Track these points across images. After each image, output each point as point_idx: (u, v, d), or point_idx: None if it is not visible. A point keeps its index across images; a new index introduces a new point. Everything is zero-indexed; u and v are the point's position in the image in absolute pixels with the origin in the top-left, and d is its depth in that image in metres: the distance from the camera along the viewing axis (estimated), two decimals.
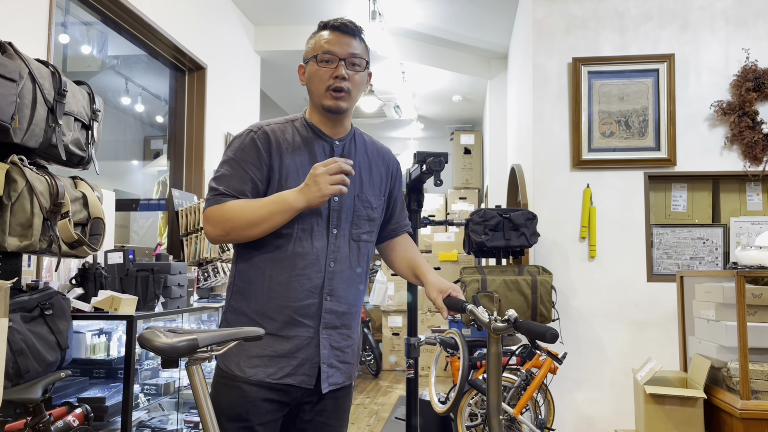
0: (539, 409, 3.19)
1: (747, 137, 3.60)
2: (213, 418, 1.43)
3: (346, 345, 1.68)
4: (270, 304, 1.60)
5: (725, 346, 2.53)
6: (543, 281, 3.25)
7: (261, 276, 1.62)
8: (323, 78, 1.65)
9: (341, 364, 1.67)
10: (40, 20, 2.82)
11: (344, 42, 1.67)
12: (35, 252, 2.10)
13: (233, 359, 1.60)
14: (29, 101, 2.03)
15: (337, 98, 1.64)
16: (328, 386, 1.63)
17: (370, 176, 1.74)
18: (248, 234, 1.56)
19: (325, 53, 1.65)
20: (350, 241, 1.68)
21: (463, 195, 7.77)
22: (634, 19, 3.78)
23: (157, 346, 1.33)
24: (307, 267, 1.61)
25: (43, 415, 1.96)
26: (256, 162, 1.61)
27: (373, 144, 1.83)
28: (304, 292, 1.60)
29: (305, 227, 1.62)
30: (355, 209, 1.69)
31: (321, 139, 1.69)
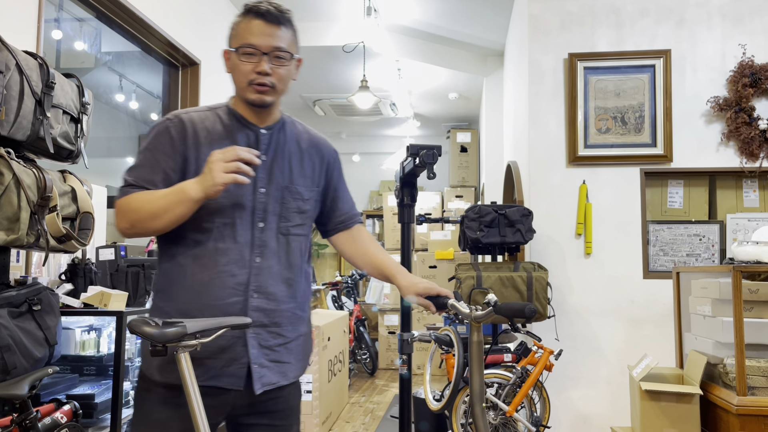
0: (535, 407, 3.17)
1: (743, 133, 3.59)
2: (201, 408, 1.40)
3: (277, 344, 1.58)
4: (192, 303, 1.51)
5: (721, 342, 2.51)
6: (538, 278, 3.23)
7: (182, 274, 1.53)
8: (245, 72, 1.55)
9: (273, 364, 1.57)
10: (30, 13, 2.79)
11: (268, 33, 1.55)
12: (22, 246, 2.07)
13: (153, 363, 1.51)
14: (16, 93, 2.00)
15: (260, 92, 1.55)
16: (261, 387, 1.54)
17: (302, 167, 1.66)
18: (152, 226, 1.48)
19: (247, 46, 1.54)
20: (278, 234, 1.59)
21: (459, 193, 7.75)
22: (630, 15, 3.76)
23: (146, 332, 1.33)
24: (231, 263, 1.52)
25: (30, 411, 1.93)
26: (169, 151, 1.54)
27: (307, 133, 1.74)
28: (228, 289, 1.51)
29: (227, 221, 1.54)
30: (284, 201, 1.60)
31: (245, 127, 1.60)
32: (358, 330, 6.73)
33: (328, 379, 4.51)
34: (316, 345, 4.16)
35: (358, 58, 5.79)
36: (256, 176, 1.55)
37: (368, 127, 9.19)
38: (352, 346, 6.58)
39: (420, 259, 6.64)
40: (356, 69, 6.22)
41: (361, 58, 5.73)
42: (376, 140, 9.88)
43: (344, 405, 5.19)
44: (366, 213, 9.90)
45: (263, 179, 1.58)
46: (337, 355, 4.89)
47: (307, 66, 6.28)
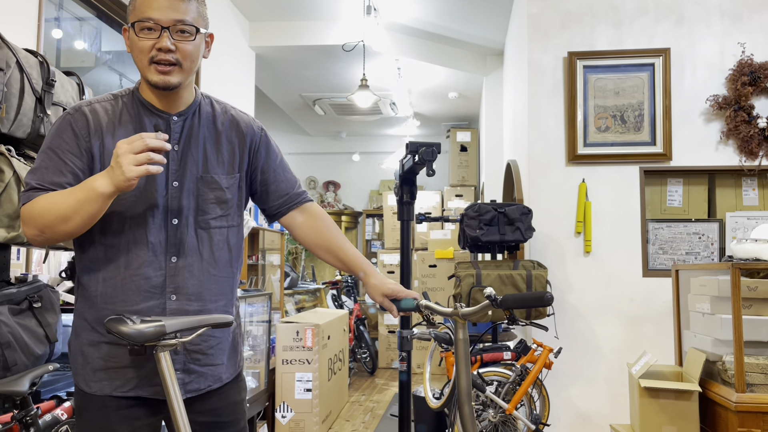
0: (534, 405, 3.17)
1: (743, 132, 3.59)
2: (181, 406, 1.37)
3: (207, 346, 1.49)
4: (106, 309, 1.42)
5: (720, 339, 2.52)
6: (538, 276, 3.23)
7: (95, 279, 1.44)
8: (144, 49, 1.40)
9: (204, 368, 1.49)
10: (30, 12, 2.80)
11: (168, 6, 1.39)
12: (23, 244, 2.07)
13: (80, 373, 1.45)
14: (17, 90, 2.01)
15: (163, 72, 1.41)
16: (185, 393, 1.45)
17: (218, 152, 1.52)
18: (63, 229, 1.35)
19: (146, 20, 1.38)
20: (197, 229, 1.48)
21: (459, 192, 7.75)
22: (629, 14, 3.77)
23: (123, 332, 1.29)
24: (144, 265, 1.43)
25: (31, 408, 1.94)
26: (74, 149, 1.41)
27: (226, 113, 1.58)
28: (143, 293, 1.42)
29: (138, 220, 1.43)
30: (199, 193, 1.48)
31: (154, 115, 1.48)
32: (358, 329, 6.74)
33: (328, 377, 4.51)
34: (316, 343, 4.16)
35: (358, 58, 5.80)
36: (168, 169, 1.45)
37: (368, 127, 9.19)
38: (352, 345, 6.58)
39: (420, 258, 6.64)
40: (356, 68, 6.23)
41: (361, 58, 5.74)
42: (376, 139, 9.89)
43: (344, 404, 5.19)
44: (366, 212, 9.91)
45: (175, 171, 1.47)
46: (337, 353, 4.89)
47: (306, 65, 6.28)
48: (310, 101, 7.68)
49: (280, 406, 4.12)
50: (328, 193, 9.88)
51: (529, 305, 1.41)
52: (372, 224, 9.89)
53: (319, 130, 9.36)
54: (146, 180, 1.43)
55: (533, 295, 1.40)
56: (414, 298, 1.58)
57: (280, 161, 1.65)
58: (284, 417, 4.10)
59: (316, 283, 7.68)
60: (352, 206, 9.95)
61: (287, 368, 4.14)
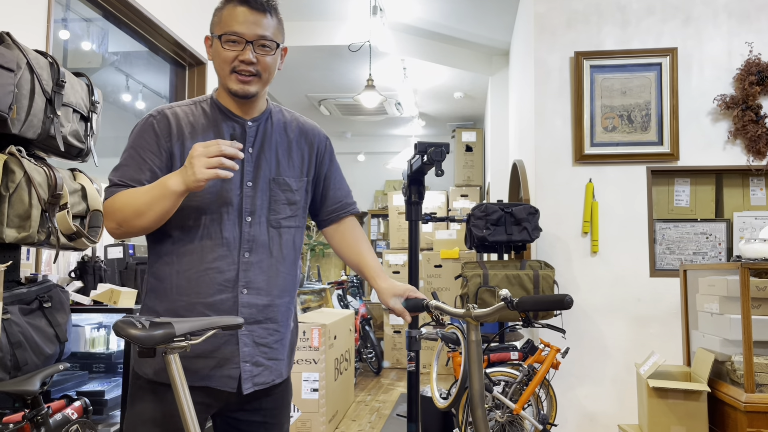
0: (541, 405, 3.17)
1: (750, 131, 3.58)
2: (191, 408, 1.37)
3: (274, 340, 1.55)
4: (180, 301, 1.48)
5: (729, 339, 2.51)
6: (545, 276, 3.23)
7: (170, 272, 1.50)
8: (228, 59, 1.50)
9: (270, 362, 1.54)
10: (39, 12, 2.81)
11: (253, 21, 1.49)
12: (33, 244, 2.08)
13: (148, 361, 1.49)
14: (27, 91, 2.01)
15: (243, 82, 1.50)
16: (251, 386, 1.50)
17: (289, 157, 1.61)
18: (138, 224, 1.44)
19: (231, 34, 1.49)
20: (269, 228, 1.55)
21: (464, 192, 7.75)
22: (636, 13, 3.76)
23: (132, 335, 1.29)
24: (218, 259, 1.49)
25: (42, 407, 1.95)
26: (154, 149, 1.50)
27: (296, 121, 1.68)
28: (216, 286, 1.48)
29: (214, 216, 1.50)
30: (272, 194, 1.56)
31: (231, 120, 1.56)
32: (364, 329, 6.74)
33: (335, 377, 4.52)
34: (322, 343, 4.17)
35: (364, 58, 5.80)
36: (242, 170, 1.52)
37: (373, 127, 9.20)
38: (357, 345, 6.59)
39: (425, 258, 6.64)
40: (362, 68, 6.23)
41: (367, 58, 5.74)
42: (381, 140, 9.89)
43: (350, 403, 5.20)
44: (371, 212, 9.91)
45: (250, 173, 1.54)
46: (343, 353, 4.90)
47: (312, 66, 6.29)
48: (316, 101, 7.68)
49: None
50: None
51: (548, 308, 1.36)
52: (377, 224, 9.89)
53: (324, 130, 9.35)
54: (222, 180, 1.49)
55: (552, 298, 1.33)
56: (423, 299, 1.58)
57: (339, 170, 1.76)
58: (291, 417, 4.11)
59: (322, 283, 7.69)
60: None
61: (294, 368, 4.13)
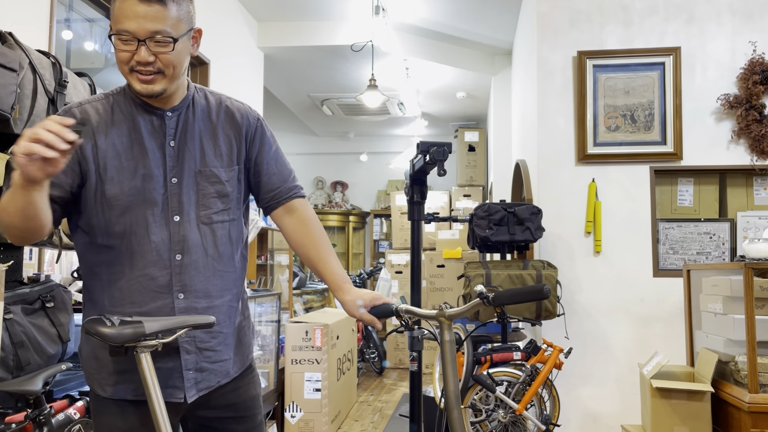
0: (544, 405, 3.16)
1: (754, 131, 3.57)
2: (162, 408, 1.35)
3: (216, 343, 1.48)
4: (114, 311, 1.39)
5: (733, 339, 2.51)
6: (548, 276, 3.22)
7: (99, 282, 1.42)
8: (124, 59, 1.35)
9: (214, 365, 1.48)
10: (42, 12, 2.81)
11: (143, 15, 1.31)
12: (36, 244, 2.08)
13: (95, 377, 1.43)
14: (30, 91, 2.02)
15: (145, 81, 1.36)
16: (195, 393, 1.45)
17: (215, 145, 1.48)
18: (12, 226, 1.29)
19: (123, 32, 1.32)
20: (200, 225, 1.45)
21: (467, 192, 7.74)
22: (639, 13, 3.75)
23: (102, 332, 1.28)
24: (149, 265, 1.40)
25: (44, 407, 1.94)
26: None
27: (221, 105, 1.53)
28: (150, 293, 1.40)
29: (139, 219, 1.40)
30: (200, 188, 1.45)
31: (147, 112, 1.44)
32: (366, 329, 6.74)
33: (337, 377, 4.52)
34: (325, 343, 4.17)
35: (366, 58, 5.80)
36: (164, 165, 1.43)
37: (376, 127, 9.19)
38: (360, 345, 6.58)
39: (428, 258, 6.63)
40: (364, 68, 6.23)
41: (369, 58, 5.74)
42: (384, 140, 9.88)
43: (353, 403, 5.19)
44: (374, 212, 9.91)
45: (173, 168, 1.44)
46: (346, 353, 4.90)
47: (315, 65, 6.29)
48: (318, 101, 7.68)
49: (289, 405, 4.12)
50: (336, 193, 9.89)
51: (523, 299, 1.31)
52: (380, 224, 9.89)
53: (326, 130, 9.37)
54: (144, 179, 1.41)
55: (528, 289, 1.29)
56: (390, 304, 1.49)
57: (275, 152, 1.59)
58: (293, 417, 4.11)
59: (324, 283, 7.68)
60: (359, 206, 9.95)
61: (296, 368, 4.14)
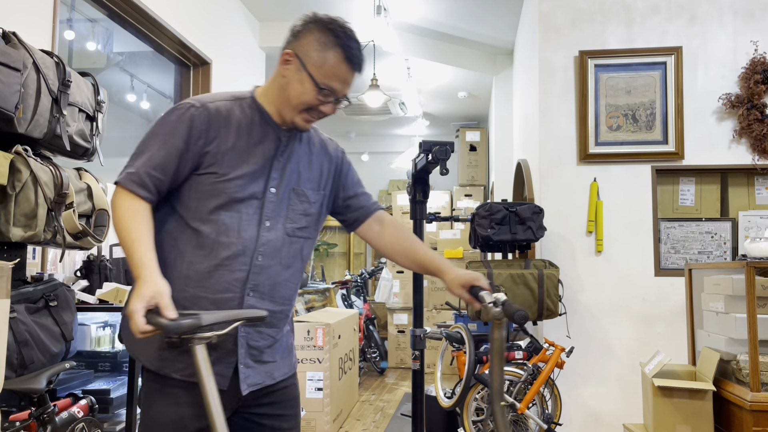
0: (546, 404, 3.17)
1: (756, 130, 3.57)
2: (216, 398, 1.39)
3: (265, 345, 1.56)
4: (185, 292, 1.47)
5: (734, 338, 2.51)
6: (549, 275, 3.22)
7: (180, 261, 1.48)
8: (309, 102, 1.51)
9: (257, 364, 1.55)
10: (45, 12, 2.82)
11: (350, 81, 1.54)
12: (40, 243, 2.09)
13: (142, 351, 1.50)
14: (33, 91, 2.03)
15: (309, 122, 1.56)
16: (247, 387, 1.52)
17: (310, 169, 1.64)
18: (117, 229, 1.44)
19: (329, 90, 1.51)
20: (284, 235, 1.56)
21: (468, 192, 7.75)
22: (640, 12, 3.75)
23: (161, 323, 1.32)
24: (231, 258, 1.48)
25: (48, 405, 1.95)
26: (185, 144, 1.46)
27: (317, 136, 1.73)
28: (224, 284, 1.48)
29: (234, 215, 1.49)
30: (290, 203, 1.58)
31: (268, 125, 1.57)
32: (368, 329, 6.75)
33: (339, 376, 4.52)
34: (327, 343, 4.17)
35: (368, 58, 5.80)
36: (268, 176, 1.54)
37: (377, 127, 9.20)
38: (362, 344, 6.59)
39: None
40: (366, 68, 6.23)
41: (371, 58, 5.74)
42: (385, 139, 9.89)
43: (354, 403, 5.20)
44: None
45: (275, 179, 1.56)
46: (348, 353, 4.90)
47: None
48: None
49: None
50: None
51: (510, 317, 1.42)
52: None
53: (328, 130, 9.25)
54: (250, 181, 1.51)
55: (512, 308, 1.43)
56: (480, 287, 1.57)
57: (357, 177, 1.80)
58: None
59: (326, 283, 7.69)
60: None
61: (298, 367, 4.14)
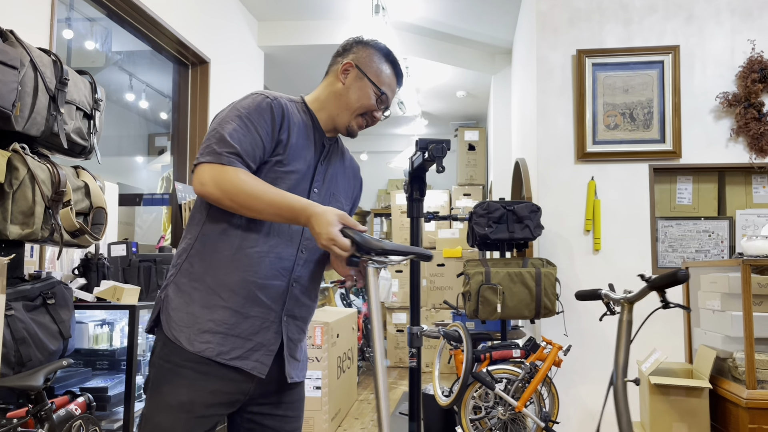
0: (544, 402, 3.17)
1: (753, 129, 3.58)
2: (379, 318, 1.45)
3: (298, 339, 1.60)
4: (233, 275, 1.48)
5: (731, 336, 2.51)
6: (547, 273, 3.23)
7: (229, 244, 1.50)
8: (367, 108, 1.64)
9: (292, 358, 1.58)
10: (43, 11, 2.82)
11: (395, 92, 1.70)
12: (37, 240, 2.10)
13: (183, 331, 1.46)
14: (31, 89, 2.03)
15: (361, 127, 1.66)
16: (292, 377, 1.55)
17: (345, 179, 1.73)
18: (243, 212, 1.45)
19: (385, 96, 1.65)
20: None
21: (467, 191, 7.75)
22: (638, 11, 3.76)
23: (361, 237, 1.39)
24: (280, 246, 1.52)
25: (45, 402, 1.96)
26: (269, 130, 1.51)
27: (348, 154, 1.82)
28: (273, 270, 1.51)
29: None
30: (329, 205, 1.64)
31: (317, 129, 1.65)
32: (367, 328, 6.75)
33: (337, 375, 4.53)
34: (325, 341, 4.18)
35: None
36: (313, 176, 1.61)
37: (376, 126, 9.18)
38: (360, 343, 6.59)
39: None
40: None
41: None
42: (384, 138, 9.89)
43: (353, 402, 5.20)
44: (374, 211, 9.91)
45: (319, 181, 1.62)
46: (346, 352, 4.91)
47: (315, 65, 6.30)
48: None
49: None
50: None
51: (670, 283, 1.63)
52: (380, 223, 9.89)
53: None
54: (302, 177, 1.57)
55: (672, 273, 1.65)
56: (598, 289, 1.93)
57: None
58: None
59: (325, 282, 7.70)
60: (360, 205, 9.96)
61: None
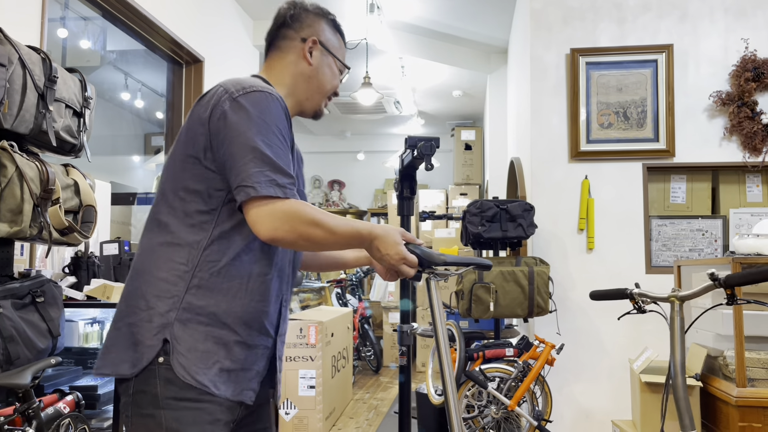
0: (536, 401, 3.17)
1: (746, 128, 3.58)
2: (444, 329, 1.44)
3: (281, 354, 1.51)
4: (250, 306, 1.31)
5: (721, 334, 2.51)
6: (540, 272, 3.23)
7: (243, 270, 1.30)
8: (335, 86, 1.53)
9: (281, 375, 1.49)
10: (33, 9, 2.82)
11: None
12: (26, 238, 2.09)
13: (203, 372, 1.25)
14: (19, 86, 2.03)
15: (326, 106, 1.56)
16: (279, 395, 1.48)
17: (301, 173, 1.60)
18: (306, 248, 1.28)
19: (347, 68, 1.55)
20: None
21: (464, 191, 7.76)
22: (632, 10, 3.76)
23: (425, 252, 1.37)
24: (282, 266, 1.41)
25: (33, 401, 1.96)
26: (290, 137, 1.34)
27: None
28: (273, 295, 1.37)
29: None
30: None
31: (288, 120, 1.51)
32: (363, 327, 6.75)
33: (332, 374, 4.52)
34: (319, 340, 4.18)
35: (361, 56, 5.81)
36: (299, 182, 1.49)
37: (372, 125, 9.20)
38: (356, 343, 6.59)
39: None
40: (359, 66, 6.23)
41: (364, 56, 5.74)
42: (381, 138, 9.90)
43: (348, 401, 5.20)
44: (371, 211, 9.92)
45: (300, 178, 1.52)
46: (341, 351, 4.91)
47: None
48: None
49: (283, 403, 4.13)
50: (333, 192, 9.90)
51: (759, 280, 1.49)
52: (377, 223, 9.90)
53: (323, 129, 9.38)
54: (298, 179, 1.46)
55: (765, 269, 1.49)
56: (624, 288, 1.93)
57: None
58: (288, 414, 4.12)
59: (321, 282, 7.69)
60: (356, 205, 9.96)
61: (291, 365, 4.15)
